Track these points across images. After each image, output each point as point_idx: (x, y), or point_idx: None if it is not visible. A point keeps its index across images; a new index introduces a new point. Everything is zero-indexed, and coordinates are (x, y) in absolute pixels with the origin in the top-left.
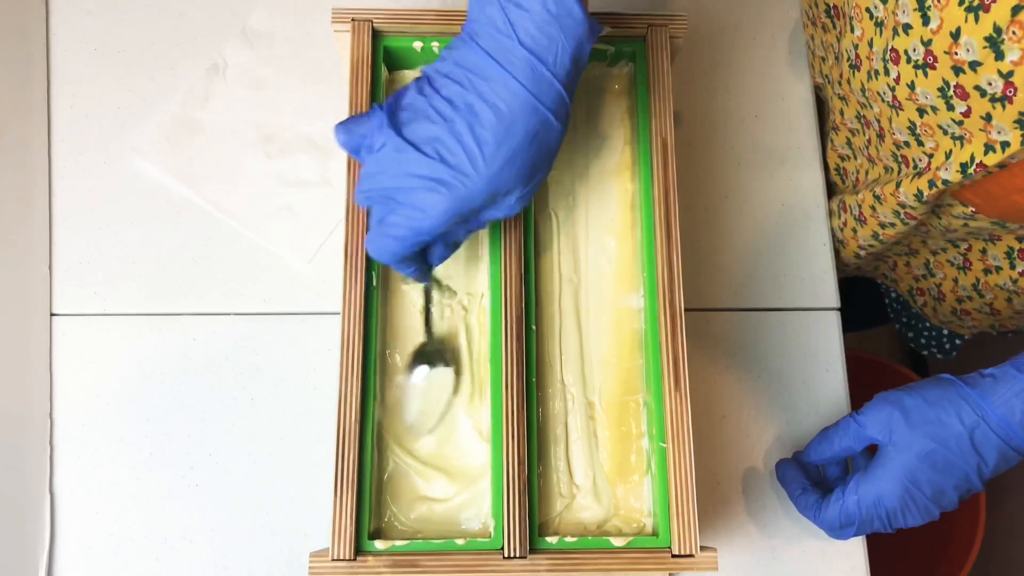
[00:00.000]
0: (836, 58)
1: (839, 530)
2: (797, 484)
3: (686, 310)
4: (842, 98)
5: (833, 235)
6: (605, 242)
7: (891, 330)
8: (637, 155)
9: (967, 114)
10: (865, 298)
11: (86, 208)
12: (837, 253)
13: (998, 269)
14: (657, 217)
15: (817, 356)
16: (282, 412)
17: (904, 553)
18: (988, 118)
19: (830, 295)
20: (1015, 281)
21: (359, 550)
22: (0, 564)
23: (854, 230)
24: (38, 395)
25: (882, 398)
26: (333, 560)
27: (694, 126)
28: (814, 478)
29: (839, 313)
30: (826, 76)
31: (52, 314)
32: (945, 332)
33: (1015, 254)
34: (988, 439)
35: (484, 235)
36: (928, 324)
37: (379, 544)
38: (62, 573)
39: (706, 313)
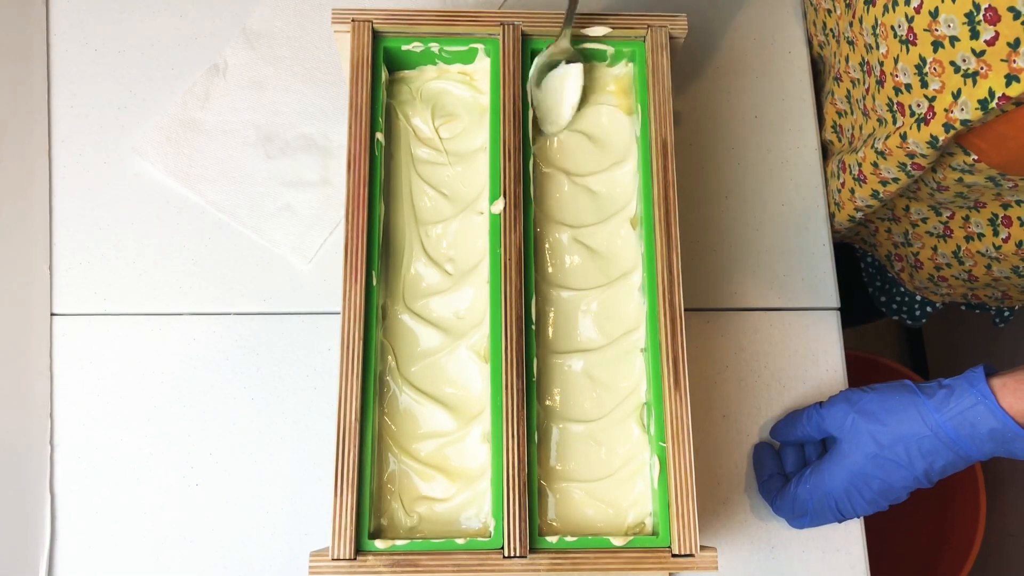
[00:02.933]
0: (847, 5)
1: (794, 519)
2: (766, 470)
3: (686, 310)
4: (850, 42)
5: (829, 199)
6: (606, 241)
7: (891, 328)
8: (637, 155)
9: (992, 41)
10: (862, 295)
11: (86, 208)
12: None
13: (980, 236)
14: (657, 217)
15: (817, 356)
16: (282, 412)
17: (905, 553)
18: (1016, 44)
19: (830, 295)
20: (998, 248)
21: (359, 550)
22: (1, 564)
23: (852, 191)
24: (38, 395)
25: (844, 398)
26: (333, 560)
27: (694, 126)
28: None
29: (839, 313)
30: (831, 30)
31: (52, 314)
32: (918, 298)
33: (999, 221)
34: (937, 449)
35: (484, 232)
36: (902, 289)
37: (379, 544)
38: (62, 573)
39: (706, 313)
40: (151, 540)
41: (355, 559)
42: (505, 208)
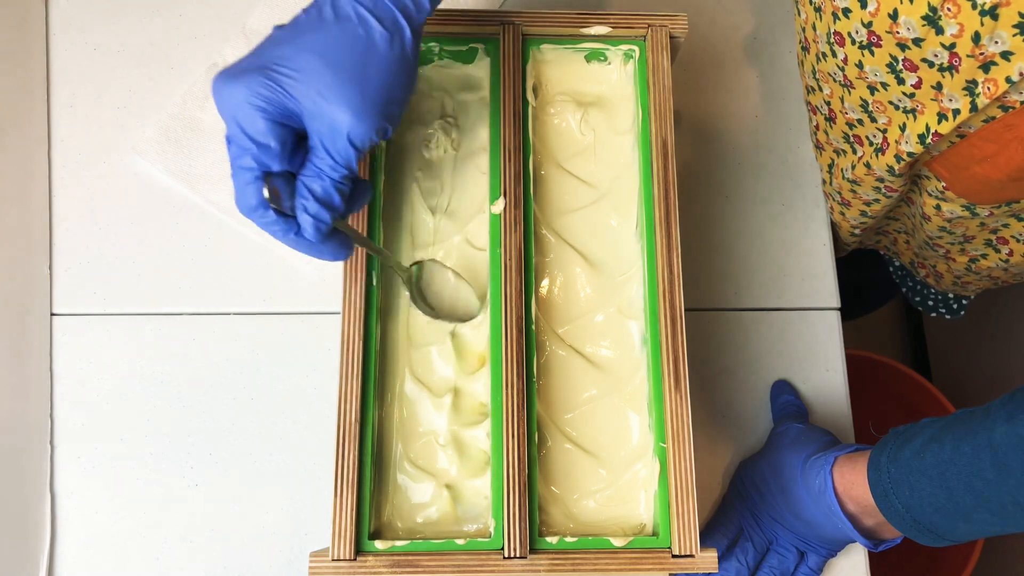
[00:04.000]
0: (804, 48)
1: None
2: (781, 398)
3: (686, 310)
4: (808, 88)
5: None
6: (605, 241)
7: (891, 327)
8: (637, 155)
9: (918, 85)
10: (874, 278)
11: (86, 208)
12: (836, 235)
13: (984, 256)
14: (657, 217)
15: (817, 356)
16: (282, 412)
17: (906, 554)
18: (939, 87)
19: (830, 295)
20: (1006, 260)
21: (359, 550)
22: (1, 564)
23: (842, 213)
24: (38, 395)
25: (798, 432)
26: (333, 560)
27: (694, 126)
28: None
29: (839, 313)
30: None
31: (52, 314)
32: (951, 295)
33: (994, 242)
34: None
35: (485, 233)
36: (933, 290)
37: (379, 544)
38: (62, 573)
39: (706, 313)
40: (151, 540)
41: (355, 560)
42: (505, 208)
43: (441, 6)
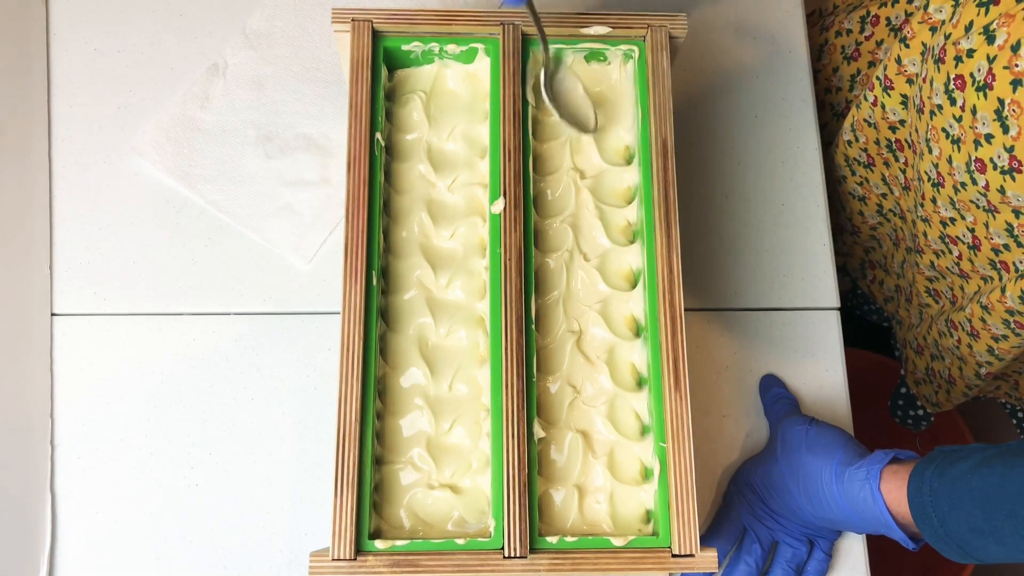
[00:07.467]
0: (904, 188)
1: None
2: (772, 393)
3: (686, 310)
4: (925, 220)
5: (937, 376)
6: (605, 242)
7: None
8: (637, 155)
9: None
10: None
11: (86, 208)
12: (953, 383)
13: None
14: (657, 217)
15: (817, 356)
16: (282, 412)
17: (907, 553)
18: None
19: (830, 295)
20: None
21: (359, 550)
22: (1, 564)
23: (969, 346)
24: (38, 395)
25: (803, 432)
26: (333, 560)
27: (694, 126)
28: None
29: (839, 313)
30: (890, 210)
31: (52, 314)
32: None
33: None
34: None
35: (485, 232)
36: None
37: (379, 544)
38: (63, 573)
39: (706, 313)
40: (151, 540)
41: (355, 559)
42: (505, 208)
43: (441, 6)
